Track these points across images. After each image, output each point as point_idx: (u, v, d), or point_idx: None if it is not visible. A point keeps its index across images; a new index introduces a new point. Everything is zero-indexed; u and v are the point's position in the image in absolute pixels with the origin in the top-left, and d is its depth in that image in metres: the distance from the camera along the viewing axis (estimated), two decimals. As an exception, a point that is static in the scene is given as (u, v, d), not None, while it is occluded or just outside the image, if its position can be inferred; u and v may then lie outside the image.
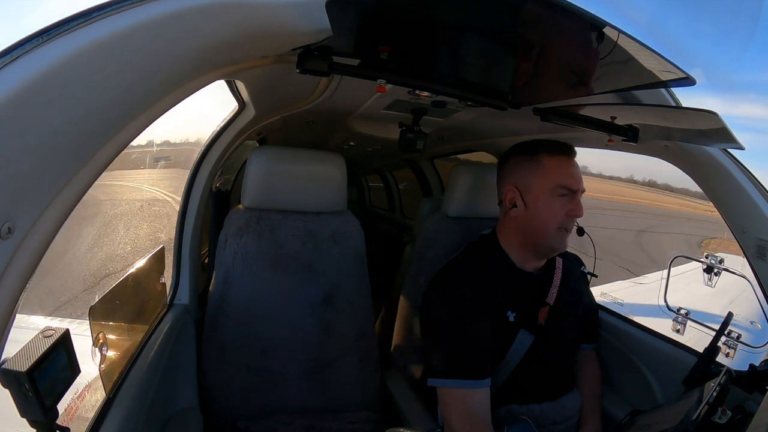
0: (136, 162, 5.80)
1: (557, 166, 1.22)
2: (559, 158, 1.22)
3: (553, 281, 1.29)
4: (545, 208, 1.20)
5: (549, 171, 1.21)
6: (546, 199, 1.20)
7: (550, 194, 1.20)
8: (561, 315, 1.27)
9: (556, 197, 1.20)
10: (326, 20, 0.64)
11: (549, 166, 1.21)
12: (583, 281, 1.44)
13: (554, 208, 1.20)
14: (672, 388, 1.28)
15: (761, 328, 2.82)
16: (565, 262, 1.36)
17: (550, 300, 1.27)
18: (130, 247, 4.61)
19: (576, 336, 1.36)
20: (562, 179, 1.20)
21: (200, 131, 1.74)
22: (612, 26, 0.62)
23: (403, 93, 1.20)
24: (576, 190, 1.20)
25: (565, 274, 1.33)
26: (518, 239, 1.27)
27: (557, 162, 1.22)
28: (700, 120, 0.90)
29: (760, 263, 1.11)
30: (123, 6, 0.44)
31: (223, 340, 1.35)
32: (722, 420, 0.77)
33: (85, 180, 0.47)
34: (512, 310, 1.22)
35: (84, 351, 0.72)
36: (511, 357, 1.21)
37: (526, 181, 1.23)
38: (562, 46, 0.77)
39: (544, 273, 1.31)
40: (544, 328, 1.24)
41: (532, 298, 1.27)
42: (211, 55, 0.54)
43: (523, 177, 1.24)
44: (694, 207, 17.74)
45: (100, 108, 0.43)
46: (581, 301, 1.39)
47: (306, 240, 1.46)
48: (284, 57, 0.80)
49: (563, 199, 1.20)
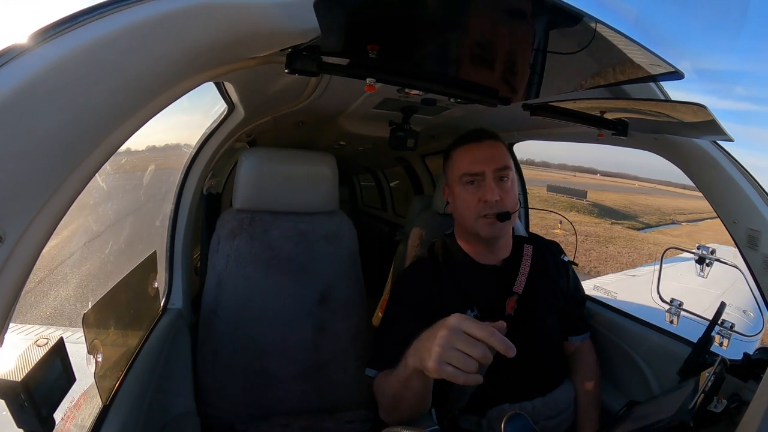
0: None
1: (460, 155, 1.26)
2: (464, 147, 1.26)
3: (521, 269, 1.29)
4: (459, 199, 1.25)
5: (454, 163, 1.26)
6: (459, 190, 1.24)
7: (459, 184, 1.24)
8: (534, 304, 1.27)
9: (465, 185, 1.23)
10: (314, 20, 0.64)
11: (455, 158, 1.27)
12: (564, 270, 1.43)
13: (465, 196, 1.23)
14: (667, 378, 1.30)
15: (754, 317, 2.87)
16: (536, 249, 1.35)
17: (517, 289, 1.26)
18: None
19: (557, 326, 1.34)
20: (464, 167, 1.23)
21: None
22: (600, 22, 0.62)
23: (392, 91, 1.20)
24: (481, 172, 1.20)
25: (535, 262, 1.32)
26: (462, 233, 1.31)
27: (461, 152, 1.26)
28: (689, 113, 0.91)
29: (752, 253, 1.12)
30: (110, 9, 0.43)
31: (218, 343, 1.35)
32: (718, 409, 0.77)
33: (76, 185, 0.46)
34: (472, 308, 1.22)
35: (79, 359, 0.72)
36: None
37: (448, 176, 1.29)
38: (551, 42, 0.77)
39: (510, 263, 1.31)
40: (515, 318, 1.23)
41: (496, 289, 1.27)
42: (199, 56, 0.54)
43: (446, 174, 1.31)
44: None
45: (89, 112, 0.43)
46: (560, 291, 1.37)
47: (299, 241, 1.46)
48: (273, 57, 0.80)
49: (472, 187, 1.22)
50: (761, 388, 0.64)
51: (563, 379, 1.31)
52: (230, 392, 1.34)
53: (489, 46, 0.85)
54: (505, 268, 1.31)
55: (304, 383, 1.40)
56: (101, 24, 0.42)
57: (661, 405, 0.92)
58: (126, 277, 0.99)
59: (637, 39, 0.66)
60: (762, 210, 1.10)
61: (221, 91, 1.22)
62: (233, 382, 1.34)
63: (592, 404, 1.30)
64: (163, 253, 1.42)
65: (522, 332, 1.22)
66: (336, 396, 1.43)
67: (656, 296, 1.46)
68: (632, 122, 1.17)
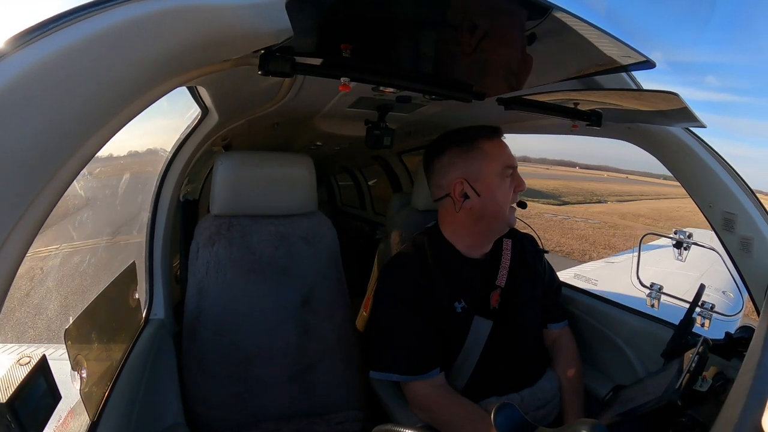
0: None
1: (498, 148, 1.26)
2: (497, 141, 1.27)
3: (502, 263, 1.32)
4: (499, 192, 1.24)
5: (493, 156, 1.25)
6: (498, 183, 1.24)
7: (500, 177, 1.24)
8: (517, 297, 1.30)
9: (504, 178, 1.24)
10: (287, 20, 0.64)
11: (492, 151, 1.26)
12: (538, 259, 1.46)
13: (505, 189, 1.24)
14: (651, 361, 1.33)
15: (734, 297, 2.98)
16: (514, 243, 1.38)
17: (500, 282, 1.29)
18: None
19: (538, 317, 1.37)
20: (506, 160, 1.25)
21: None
22: (571, 14, 0.63)
23: (367, 90, 1.20)
24: (516, 166, 1.26)
25: (515, 255, 1.35)
26: (470, 228, 1.29)
27: (497, 145, 1.27)
28: (661, 101, 0.93)
29: (728, 235, 1.16)
30: (78, 16, 0.43)
31: (203, 352, 1.33)
32: (703, 388, 0.79)
33: (50, 198, 0.45)
34: (460, 301, 1.24)
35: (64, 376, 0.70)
36: (471, 346, 1.22)
37: (473, 170, 1.26)
38: (522, 36, 0.78)
39: (491, 257, 1.33)
40: (500, 311, 1.25)
41: (481, 283, 1.29)
42: (172, 61, 0.53)
43: (469, 166, 1.26)
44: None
45: (63, 120, 0.42)
46: (539, 281, 1.41)
47: (278, 244, 1.45)
48: (246, 60, 0.79)
49: (509, 179, 1.25)
50: (745, 366, 0.66)
51: (547, 367, 1.33)
52: (218, 400, 1.32)
53: (462, 43, 0.86)
54: (487, 261, 1.33)
55: (292, 387, 1.39)
56: (72, 31, 0.42)
57: (647, 387, 0.93)
58: (106, 290, 0.97)
59: (608, 30, 0.68)
60: (736, 193, 1.13)
61: (194, 95, 1.20)
62: (220, 390, 1.33)
63: (575, 391, 1.32)
64: (142, 263, 1.39)
65: (506, 325, 1.24)
66: (325, 398, 1.42)
67: (636, 281, 1.50)
68: (606, 113, 1.20)
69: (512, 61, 0.93)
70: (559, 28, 0.69)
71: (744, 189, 1.15)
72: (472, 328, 1.23)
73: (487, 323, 1.23)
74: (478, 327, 1.23)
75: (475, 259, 1.32)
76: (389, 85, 1.06)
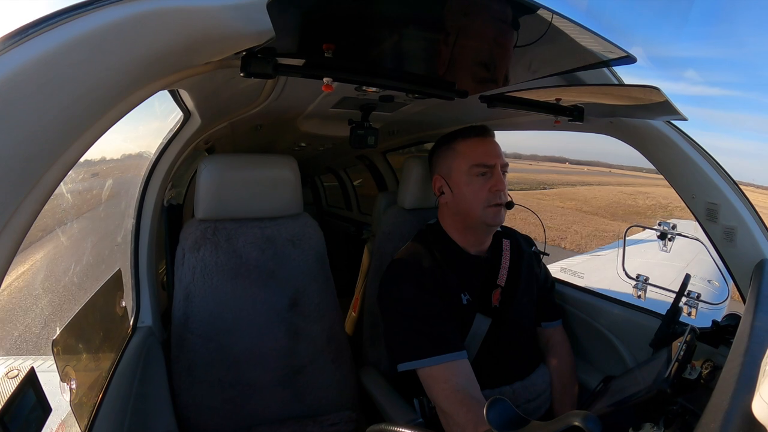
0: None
1: (470, 147, 1.28)
2: (473, 140, 1.29)
3: (502, 263, 1.34)
4: (467, 189, 1.27)
5: (463, 154, 1.28)
6: (466, 181, 1.27)
7: (468, 175, 1.26)
8: (515, 296, 1.32)
9: (474, 177, 1.26)
10: (268, 22, 0.64)
11: (463, 150, 1.28)
12: (536, 260, 1.49)
13: (475, 187, 1.26)
14: (640, 351, 1.35)
15: (719, 286, 3.03)
16: (512, 243, 1.41)
17: (500, 282, 1.31)
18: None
19: (534, 315, 1.40)
20: (476, 158, 1.26)
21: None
22: (551, 10, 0.64)
23: (350, 90, 1.20)
24: (493, 165, 1.26)
25: (513, 255, 1.38)
26: (456, 224, 1.33)
27: (470, 143, 1.28)
28: (642, 95, 0.94)
29: (712, 225, 1.18)
30: (59, 21, 0.42)
31: (192, 358, 1.32)
32: (693, 376, 0.80)
33: (33, 206, 0.45)
34: (465, 293, 1.26)
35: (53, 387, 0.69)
36: (470, 342, 1.24)
37: (446, 168, 1.31)
38: (504, 33, 0.78)
39: (491, 256, 1.36)
40: (499, 310, 1.28)
41: (482, 281, 1.30)
42: (151, 65, 0.52)
43: (445, 165, 1.31)
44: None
45: (44, 128, 0.41)
46: (535, 281, 1.43)
47: (265, 247, 1.44)
48: (227, 62, 0.78)
49: (482, 178, 1.26)
50: (732, 352, 0.67)
51: (539, 362, 1.36)
52: (209, 407, 1.31)
53: (444, 41, 0.86)
54: (488, 260, 1.35)
55: (284, 390, 1.38)
56: (51, 36, 0.41)
57: (636, 377, 0.94)
58: (92, 299, 0.96)
59: (589, 26, 0.68)
60: (719, 184, 1.16)
61: (176, 98, 1.19)
62: (211, 396, 1.32)
63: (569, 387, 1.35)
64: (127, 271, 1.37)
65: (504, 323, 1.27)
66: (317, 400, 1.42)
67: (622, 273, 1.52)
68: (588, 108, 1.21)
69: (494, 59, 0.94)
70: (540, 25, 0.70)
71: (726, 180, 1.17)
72: (474, 324, 1.25)
73: (486, 321, 1.25)
74: (479, 324, 1.25)
75: (476, 256, 1.33)
76: (372, 85, 1.07)
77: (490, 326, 1.25)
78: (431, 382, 1.14)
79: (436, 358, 1.13)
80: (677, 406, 0.76)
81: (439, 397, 1.12)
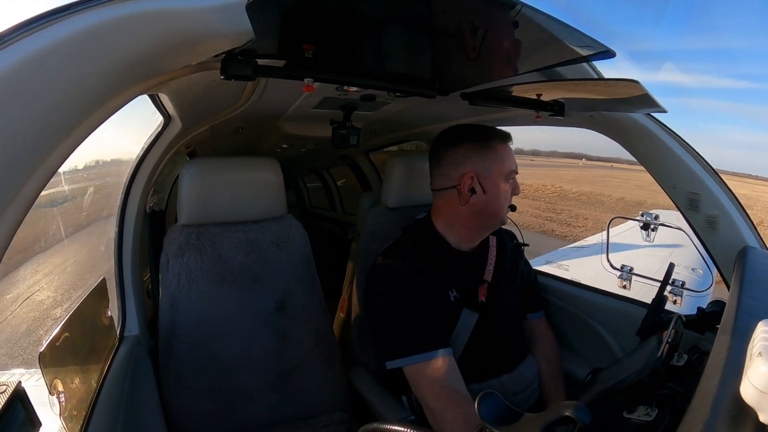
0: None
1: (508, 152, 1.29)
2: (507, 145, 1.29)
3: (488, 259, 1.36)
4: (501, 192, 1.27)
5: (504, 158, 1.27)
6: (502, 184, 1.27)
7: (505, 179, 1.27)
8: (501, 290, 1.33)
9: (508, 181, 1.27)
10: (248, 23, 0.63)
11: (503, 154, 1.28)
12: (518, 254, 1.51)
13: (507, 190, 1.28)
14: (628, 341, 1.37)
15: (703, 273, 3.11)
16: (498, 239, 1.42)
17: (487, 277, 1.32)
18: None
19: (519, 308, 1.43)
20: (513, 164, 1.28)
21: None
22: (530, 6, 0.64)
23: (331, 90, 1.20)
24: (517, 172, 1.29)
25: (499, 250, 1.39)
26: (468, 222, 1.30)
27: (507, 148, 1.29)
28: (622, 89, 0.96)
29: (693, 214, 1.21)
30: (34, 27, 0.41)
31: (180, 365, 1.30)
32: (680, 363, 0.82)
33: (14, 217, 0.44)
34: (452, 290, 1.27)
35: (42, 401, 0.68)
36: (457, 336, 1.25)
37: (485, 168, 1.26)
38: (483, 30, 0.79)
39: (478, 252, 1.37)
40: (486, 305, 1.29)
41: (469, 276, 1.32)
42: (130, 69, 0.52)
43: (482, 164, 1.26)
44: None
45: (22, 136, 0.40)
46: (519, 274, 1.46)
47: (249, 250, 1.43)
48: (207, 64, 0.78)
49: (511, 182, 1.28)
50: (719, 338, 0.68)
51: (526, 354, 1.38)
52: (200, 414, 1.30)
53: (423, 39, 0.87)
54: (475, 256, 1.36)
55: (274, 394, 1.38)
56: (28, 42, 0.40)
57: (625, 365, 0.95)
58: (77, 309, 0.94)
59: (567, 22, 0.70)
60: (699, 174, 1.18)
61: (156, 103, 1.17)
62: (201, 403, 1.30)
63: (556, 375, 1.38)
64: (112, 279, 1.35)
65: (491, 318, 1.28)
66: (308, 402, 1.42)
67: (606, 264, 1.55)
68: (568, 102, 1.23)
69: (474, 56, 0.94)
70: (519, 21, 0.70)
71: (707, 169, 1.19)
72: (461, 320, 1.25)
73: (473, 316, 1.26)
74: (466, 319, 1.26)
75: (464, 252, 1.34)
76: (353, 84, 1.07)
77: (477, 321, 1.27)
78: (418, 379, 1.15)
79: (423, 356, 1.14)
80: (668, 389, 0.77)
81: (426, 395, 1.13)
